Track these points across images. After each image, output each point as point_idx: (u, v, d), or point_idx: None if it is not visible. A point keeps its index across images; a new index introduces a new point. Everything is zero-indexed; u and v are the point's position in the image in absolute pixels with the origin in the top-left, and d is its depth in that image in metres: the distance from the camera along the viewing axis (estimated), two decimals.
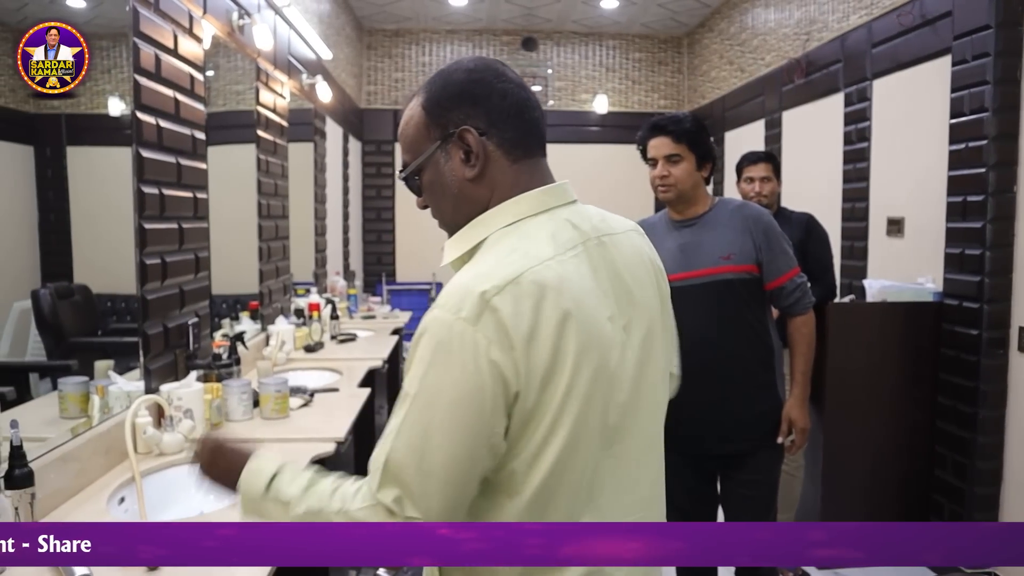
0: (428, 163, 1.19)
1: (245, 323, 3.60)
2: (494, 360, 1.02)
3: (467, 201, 1.18)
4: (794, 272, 2.33)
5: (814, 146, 5.05)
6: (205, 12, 2.91)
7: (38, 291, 2.15)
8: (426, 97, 1.19)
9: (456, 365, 1.02)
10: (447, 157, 1.17)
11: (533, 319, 1.04)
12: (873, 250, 4.29)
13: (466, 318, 1.02)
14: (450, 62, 1.23)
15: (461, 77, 1.18)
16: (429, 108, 1.18)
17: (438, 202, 1.22)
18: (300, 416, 2.63)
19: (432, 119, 1.18)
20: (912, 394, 3.38)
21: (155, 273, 2.44)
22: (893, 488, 3.39)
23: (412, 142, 1.20)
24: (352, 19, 7.16)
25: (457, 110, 1.16)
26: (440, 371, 1.03)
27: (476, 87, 1.17)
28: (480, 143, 1.15)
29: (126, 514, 1.93)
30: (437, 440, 1.03)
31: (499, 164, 1.17)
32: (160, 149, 2.48)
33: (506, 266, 1.06)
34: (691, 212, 2.37)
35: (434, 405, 1.03)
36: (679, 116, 2.37)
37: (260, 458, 1.21)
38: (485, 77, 1.18)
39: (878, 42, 4.23)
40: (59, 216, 2.25)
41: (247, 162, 3.77)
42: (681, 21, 7.44)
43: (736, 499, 2.41)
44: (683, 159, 2.32)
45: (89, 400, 2.13)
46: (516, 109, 1.17)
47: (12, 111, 2.01)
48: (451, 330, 1.03)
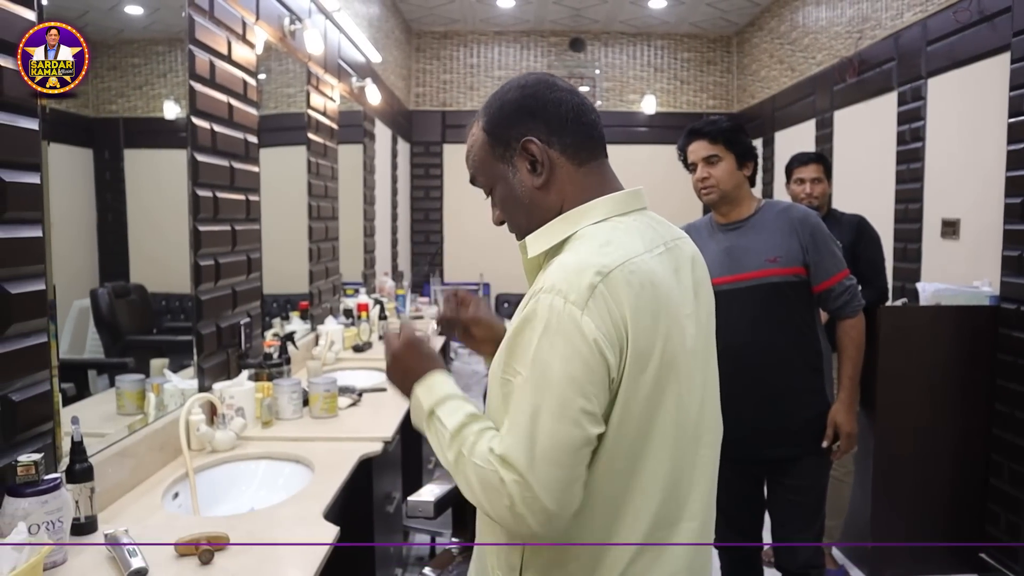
0: (498, 180, 1.26)
1: (295, 323, 3.67)
2: (600, 343, 1.06)
3: (540, 208, 1.23)
4: (843, 274, 2.30)
5: (866, 146, 4.96)
6: (258, 18, 2.97)
7: (96, 290, 2.21)
8: (486, 120, 1.26)
9: (567, 346, 1.06)
10: (514, 170, 1.24)
11: (633, 307, 1.09)
12: (927, 253, 4.19)
13: (575, 302, 1.06)
14: (502, 84, 1.30)
15: (515, 95, 1.24)
16: (490, 129, 1.25)
17: (513, 214, 1.27)
18: (348, 415, 2.67)
19: (494, 139, 1.25)
20: (966, 400, 3.30)
21: (209, 274, 2.50)
22: (946, 496, 3.32)
23: (480, 163, 1.28)
24: (401, 22, 7.23)
25: (517, 126, 1.23)
26: (551, 353, 1.06)
27: (530, 101, 1.23)
28: (543, 151, 1.21)
29: (180, 509, 1.98)
30: (549, 423, 1.05)
31: (565, 169, 1.22)
32: (214, 153, 2.54)
33: (606, 255, 1.11)
34: (736, 215, 2.35)
35: (545, 386, 1.06)
36: (714, 119, 2.39)
37: (436, 376, 1.23)
38: (537, 90, 1.23)
39: (933, 39, 4.14)
40: (116, 217, 2.31)
41: (299, 164, 3.84)
42: (731, 20, 7.36)
43: (783, 505, 2.39)
44: (722, 159, 2.32)
45: (145, 397, 2.19)
46: (573, 115, 1.23)
47: (73, 115, 2.07)
48: (561, 313, 1.06)
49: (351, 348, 3.91)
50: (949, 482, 3.32)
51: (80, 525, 1.62)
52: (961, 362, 3.30)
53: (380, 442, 2.35)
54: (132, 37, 2.37)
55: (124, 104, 2.30)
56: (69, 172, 2.11)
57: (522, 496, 1.04)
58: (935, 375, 3.29)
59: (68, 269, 2.08)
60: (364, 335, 4.05)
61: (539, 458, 1.04)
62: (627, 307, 1.08)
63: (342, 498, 2.02)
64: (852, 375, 2.34)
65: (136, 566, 1.44)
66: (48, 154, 1.66)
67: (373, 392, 3.00)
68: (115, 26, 2.32)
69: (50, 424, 1.63)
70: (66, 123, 2.05)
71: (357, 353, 3.87)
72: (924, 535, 3.31)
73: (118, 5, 2.34)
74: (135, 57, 2.34)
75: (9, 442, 1.51)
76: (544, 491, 1.04)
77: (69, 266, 2.10)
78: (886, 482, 3.30)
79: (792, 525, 2.37)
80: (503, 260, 7.05)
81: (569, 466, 1.06)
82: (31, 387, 1.56)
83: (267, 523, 1.70)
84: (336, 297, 4.42)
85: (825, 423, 2.32)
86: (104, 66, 2.22)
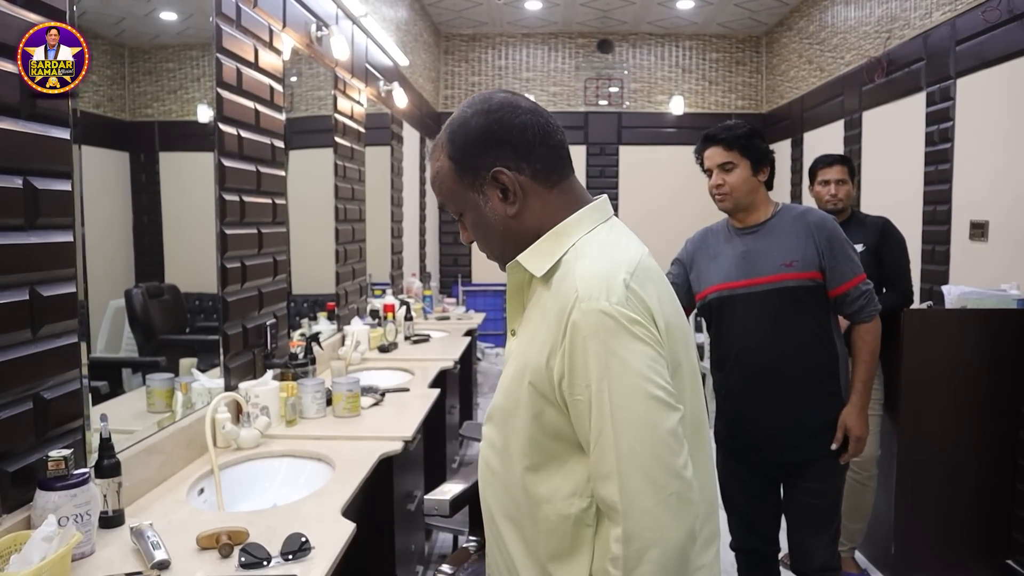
0: (468, 208, 1.24)
1: (322, 323, 3.73)
2: (650, 333, 1.11)
3: (515, 234, 1.23)
4: (859, 279, 2.29)
5: (895, 147, 4.92)
6: (284, 25, 3.03)
7: (131, 290, 2.27)
8: (452, 148, 1.23)
9: (631, 341, 1.09)
10: (486, 199, 1.22)
11: (657, 300, 1.15)
12: (955, 255, 4.15)
13: (617, 302, 1.10)
14: (461, 105, 1.27)
15: (479, 122, 1.21)
16: (457, 158, 1.22)
17: (486, 240, 1.28)
18: (371, 415, 2.72)
19: (462, 168, 1.22)
20: (993, 404, 3.26)
21: (235, 276, 2.57)
22: (971, 501, 3.28)
23: (449, 192, 1.25)
24: (429, 25, 7.29)
25: (485, 155, 1.21)
26: (620, 355, 1.09)
27: (496, 127, 1.20)
28: (514, 180, 1.20)
29: (205, 504, 2.04)
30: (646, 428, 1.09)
31: (538, 193, 1.22)
32: (240, 158, 2.60)
33: (621, 255, 1.16)
34: (752, 219, 2.36)
35: (627, 392, 1.08)
36: (731, 124, 2.37)
37: None
38: (502, 116, 1.21)
39: (962, 39, 4.10)
40: (152, 219, 2.37)
41: (329, 165, 3.91)
42: (760, 20, 7.32)
43: (800, 507, 2.39)
44: (736, 166, 2.32)
45: (174, 396, 2.26)
46: (540, 138, 1.21)
47: (110, 119, 2.14)
48: (611, 316, 1.09)
49: (377, 348, 3.97)
50: (974, 487, 3.29)
51: (108, 518, 1.69)
52: (987, 366, 3.26)
53: (400, 441, 2.39)
54: (167, 42, 2.44)
55: (159, 108, 2.36)
56: (106, 175, 2.17)
57: (679, 507, 1.08)
58: (960, 379, 3.26)
59: (105, 270, 2.14)
60: (390, 336, 4.11)
61: (660, 468, 1.08)
62: (653, 300, 1.13)
63: (361, 496, 2.06)
64: (865, 379, 2.33)
65: (159, 558, 1.50)
66: (81, 160, 1.72)
67: (396, 392, 3.05)
68: (150, 32, 2.39)
69: (80, 421, 1.70)
70: (103, 127, 2.11)
71: (382, 353, 3.93)
72: (949, 541, 3.28)
73: (153, 11, 2.40)
74: (170, 62, 2.41)
75: (41, 438, 1.58)
76: (684, 490, 1.09)
77: (106, 267, 2.16)
78: (910, 487, 3.28)
79: (808, 527, 2.37)
80: None
81: (681, 446, 1.10)
82: (62, 385, 1.63)
83: (286, 519, 1.75)
84: (363, 298, 4.48)
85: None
86: (140, 71, 2.28)
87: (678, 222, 7.47)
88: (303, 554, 1.55)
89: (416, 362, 3.75)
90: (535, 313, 1.21)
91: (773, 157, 2.39)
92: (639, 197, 7.66)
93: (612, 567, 1.09)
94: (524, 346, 1.21)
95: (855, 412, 2.31)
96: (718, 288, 2.36)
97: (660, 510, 1.07)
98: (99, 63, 2.05)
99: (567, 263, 1.18)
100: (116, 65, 2.15)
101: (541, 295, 1.20)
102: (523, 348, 1.21)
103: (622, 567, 1.08)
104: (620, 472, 1.07)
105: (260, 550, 1.53)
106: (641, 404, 1.08)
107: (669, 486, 1.07)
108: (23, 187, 1.52)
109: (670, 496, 1.07)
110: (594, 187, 7.84)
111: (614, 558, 1.09)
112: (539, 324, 1.17)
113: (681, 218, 7.48)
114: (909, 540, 3.27)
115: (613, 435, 1.08)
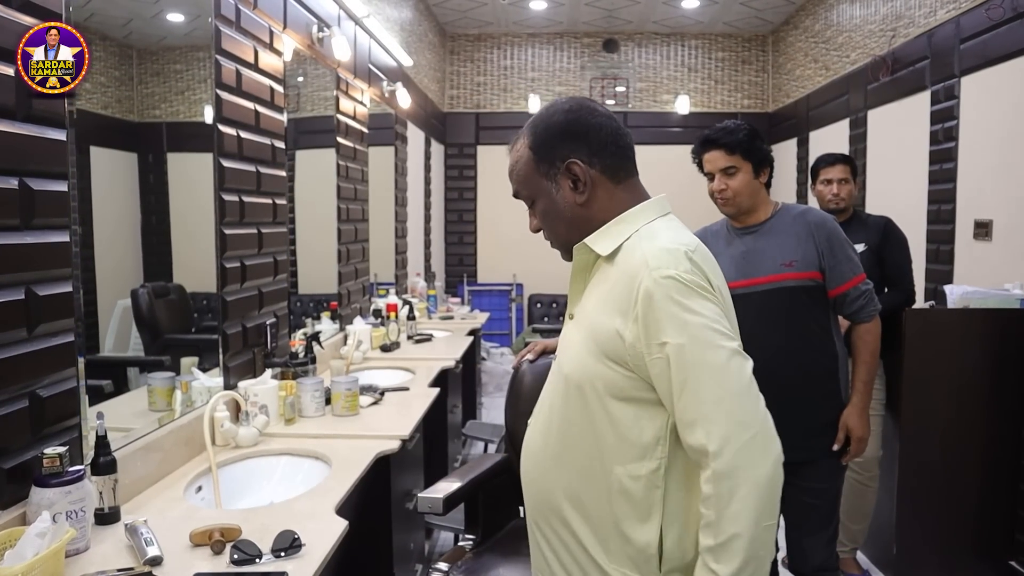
0: (541, 195, 1.40)
1: (325, 323, 3.75)
2: (716, 296, 1.26)
3: (581, 221, 1.38)
4: (858, 279, 2.29)
5: (899, 146, 4.90)
6: (285, 27, 3.05)
7: (137, 290, 2.29)
8: (532, 139, 1.39)
9: (701, 300, 1.23)
10: (557, 187, 1.38)
11: (714, 276, 1.30)
12: (960, 254, 4.14)
13: (686, 270, 1.24)
14: (544, 105, 1.45)
15: (560, 118, 1.38)
16: (536, 148, 1.38)
17: (553, 226, 1.42)
18: (369, 414, 2.73)
19: (540, 157, 1.38)
20: (996, 405, 3.25)
21: (234, 276, 2.58)
22: (974, 502, 3.27)
23: (524, 179, 1.41)
24: (434, 25, 7.31)
25: (561, 147, 1.36)
26: (695, 310, 1.22)
27: (575, 125, 1.37)
28: (585, 171, 1.36)
29: (202, 502, 2.06)
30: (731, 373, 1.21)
31: (605, 187, 1.37)
32: (240, 159, 2.62)
33: (683, 240, 1.31)
34: (752, 219, 2.35)
35: (706, 343, 1.21)
36: (731, 127, 2.34)
37: None
38: (581, 115, 1.38)
39: (967, 37, 4.08)
40: (160, 219, 2.39)
41: (334, 166, 3.92)
42: (765, 19, 7.31)
43: (797, 507, 2.38)
44: (739, 170, 2.30)
45: (174, 394, 2.28)
46: (612, 138, 1.37)
47: (119, 120, 2.16)
48: (681, 281, 1.23)
49: (379, 348, 3.98)
50: (977, 488, 3.27)
51: (103, 515, 1.71)
52: (990, 366, 3.25)
53: (398, 440, 2.40)
54: (174, 44, 2.46)
55: (167, 109, 2.38)
56: (114, 176, 2.19)
57: (765, 444, 1.19)
58: (963, 379, 3.25)
59: (113, 270, 2.16)
60: (392, 335, 4.12)
61: (744, 410, 1.20)
62: (712, 276, 1.27)
63: (357, 494, 2.08)
64: (866, 380, 2.33)
65: (151, 554, 1.51)
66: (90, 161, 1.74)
67: (396, 391, 3.06)
68: (158, 33, 2.41)
69: (76, 419, 1.72)
70: (111, 128, 2.13)
71: (384, 353, 3.94)
72: (951, 542, 3.27)
73: (160, 13, 2.43)
74: (177, 63, 2.42)
75: (37, 436, 1.59)
76: (767, 429, 1.21)
77: (114, 267, 2.18)
78: (912, 487, 3.27)
79: (806, 528, 2.37)
80: (536, 261, 7.10)
81: (757, 390, 1.23)
82: (58, 384, 1.65)
83: (280, 517, 1.76)
84: (366, 298, 4.50)
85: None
86: (148, 72, 2.29)
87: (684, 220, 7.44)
88: (294, 551, 1.56)
89: (418, 361, 3.76)
90: (600, 288, 1.33)
91: (773, 158, 2.39)
92: None
93: (704, 508, 1.18)
94: (589, 318, 1.33)
95: (856, 412, 2.31)
96: None
97: (749, 448, 1.17)
98: (107, 64, 2.07)
99: (631, 244, 1.32)
100: (124, 66, 2.17)
101: (606, 272, 1.33)
102: (588, 320, 1.33)
103: (714, 506, 1.16)
104: (708, 417, 1.17)
105: (252, 547, 1.54)
106: (720, 353, 1.20)
107: (753, 425, 1.19)
108: (19, 188, 1.53)
109: (756, 436, 1.18)
110: None
111: (706, 498, 1.18)
112: (606, 296, 1.30)
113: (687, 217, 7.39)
114: (911, 541, 3.26)
115: (696, 383, 1.19)
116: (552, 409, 1.39)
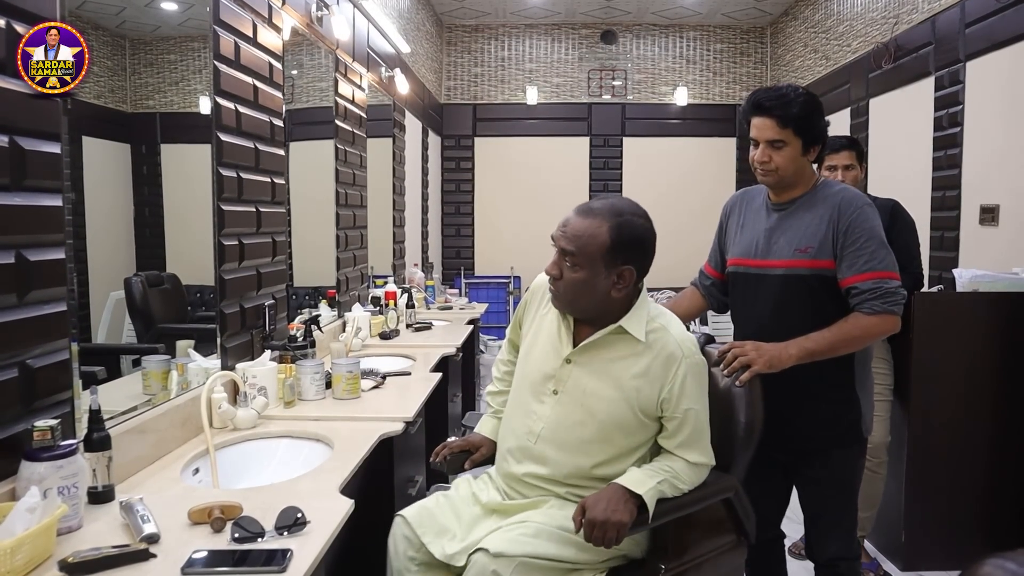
0: (588, 269, 1.74)
1: (323, 310, 3.68)
2: None
3: (603, 304, 1.79)
4: (873, 275, 2.07)
5: (903, 134, 4.85)
6: (284, 3, 2.98)
7: (130, 279, 2.24)
8: (614, 230, 1.73)
9: (707, 383, 1.89)
10: (606, 275, 1.75)
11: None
12: (965, 240, 4.09)
13: (698, 352, 1.86)
14: (623, 201, 1.82)
15: (640, 224, 1.78)
16: (614, 240, 1.73)
17: (578, 295, 1.78)
18: (371, 397, 2.67)
19: (612, 251, 1.73)
20: (1005, 390, 3.20)
21: (232, 254, 2.51)
22: (982, 489, 3.22)
23: (586, 254, 1.74)
24: (432, 15, 7.24)
25: (631, 252, 1.76)
26: (705, 389, 1.87)
27: (647, 239, 1.80)
28: (632, 277, 1.77)
29: (200, 484, 1.99)
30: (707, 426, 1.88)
31: (634, 286, 1.81)
32: (239, 134, 2.55)
33: (684, 327, 1.89)
34: (787, 196, 2.18)
35: (705, 407, 1.86)
36: (788, 96, 2.09)
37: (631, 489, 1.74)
38: (650, 232, 1.80)
39: (972, 21, 4.03)
40: (153, 210, 2.34)
41: (330, 157, 3.85)
42: (764, 10, 7.26)
43: (812, 496, 2.31)
44: (787, 145, 2.08)
45: (169, 376, 2.21)
46: (654, 254, 1.81)
47: (111, 111, 2.11)
48: (703, 365, 1.87)
49: (378, 335, 3.91)
50: (986, 475, 3.22)
51: (97, 493, 1.63)
52: (1000, 351, 3.20)
53: (401, 422, 2.34)
54: (168, 34, 2.41)
55: (161, 100, 2.34)
56: (106, 166, 2.15)
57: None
58: (972, 363, 3.20)
59: (106, 261, 2.11)
60: (391, 323, 4.06)
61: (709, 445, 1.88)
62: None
63: (360, 476, 2.01)
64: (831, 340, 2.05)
65: (148, 532, 1.44)
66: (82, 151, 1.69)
67: (397, 376, 3.00)
68: (151, 23, 2.36)
69: (68, 393, 1.65)
70: (104, 118, 2.08)
71: (384, 340, 3.88)
72: (959, 529, 3.22)
73: (153, 2, 2.38)
74: (171, 54, 2.38)
75: (27, 408, 1.52)
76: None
77: (107, 258, 2.14)
78: (920, 474, 3.21)
79: (821, 517, 2.30)
80: (533, 254, 7.01)
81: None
82: (50, 355, 1.58)
83: (282, 495, 1.70)
84: (364, 286, 4.43)
85: (853, 419, 2.19)
86: (141, 63, 2.25)
87: (681, 213, 7.46)
88: (298, 529, 1.49)
89: (417, 348, 3.70)
90: (632, 362, 1.79)
91: (827, 134, 2.18)
92: (643, 189, 7.56)
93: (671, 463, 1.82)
94: (627, 384, 1.79)
95: (785, 347, 2.04)
96: (736, 262, 2.28)
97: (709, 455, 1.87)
98: (100, 54, 2.03)
99: (655, 327, 1.82)
100: (117, 56, 2.14)
101: (632, 345, 1.81)
102: (624, 385, 1.80)
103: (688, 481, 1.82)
104: (697, 443, 1.84)
105: (254, 524, 1.48)
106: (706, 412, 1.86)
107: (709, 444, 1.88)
108: (9, 146, 1.46)
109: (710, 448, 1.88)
110: (597, 179, 7.79)
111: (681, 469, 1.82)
112: (645, 370, 1.79)
113: (685, 209, 7.45)
114: (919, 528, 3.21)
115: (695, 427, 1.82)
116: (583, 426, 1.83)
